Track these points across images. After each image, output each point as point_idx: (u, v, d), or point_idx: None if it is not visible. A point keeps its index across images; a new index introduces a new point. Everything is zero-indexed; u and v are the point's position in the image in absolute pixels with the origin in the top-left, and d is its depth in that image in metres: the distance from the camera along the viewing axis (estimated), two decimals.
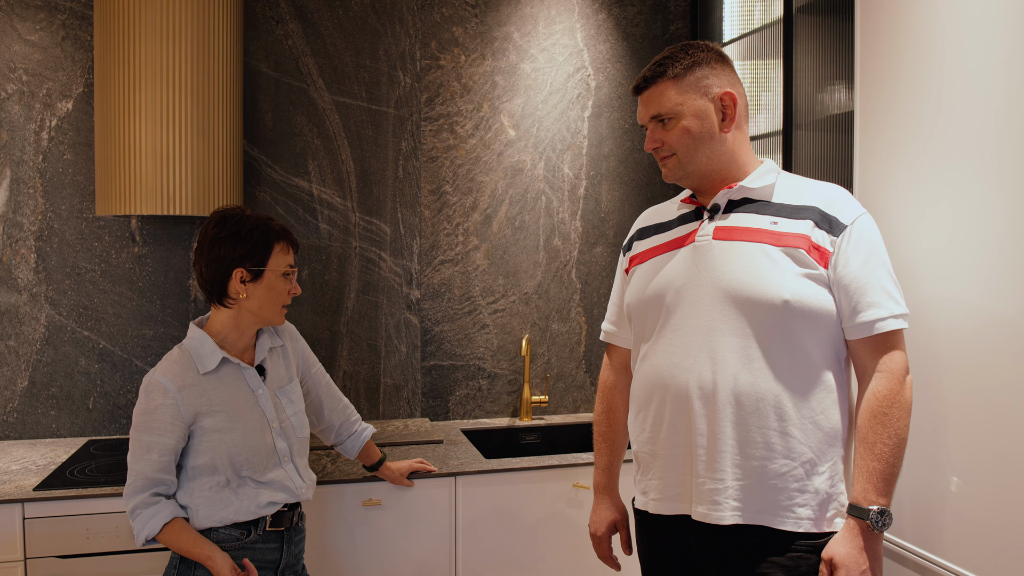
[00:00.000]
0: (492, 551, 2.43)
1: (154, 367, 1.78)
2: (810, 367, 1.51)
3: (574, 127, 3.07)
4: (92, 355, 2.69)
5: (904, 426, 1.47)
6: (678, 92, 1.57)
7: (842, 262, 1.50)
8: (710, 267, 1.56)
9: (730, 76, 1.61)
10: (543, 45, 3.03)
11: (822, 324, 1.50)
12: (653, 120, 1.60)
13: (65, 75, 2.64)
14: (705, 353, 1.54)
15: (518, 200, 3.04)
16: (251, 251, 1.77)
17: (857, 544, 1.44)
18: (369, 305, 2.92)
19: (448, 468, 2.39)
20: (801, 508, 1.50)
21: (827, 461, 1.52)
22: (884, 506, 1.44)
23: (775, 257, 1.51)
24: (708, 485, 1.53)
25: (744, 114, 1.62)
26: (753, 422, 1.50)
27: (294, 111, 2.83)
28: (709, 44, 1.63)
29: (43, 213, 2.64)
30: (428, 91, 2.94)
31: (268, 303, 1.80)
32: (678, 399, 1.57)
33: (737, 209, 1.59)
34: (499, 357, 3.05)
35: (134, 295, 2.71)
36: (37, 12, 2.60)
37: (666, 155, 1.61)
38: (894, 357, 1.49)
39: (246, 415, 1.80)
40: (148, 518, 1.71)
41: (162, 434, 1.72)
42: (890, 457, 1.45)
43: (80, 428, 2.69)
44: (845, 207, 1.54)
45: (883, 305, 1.48)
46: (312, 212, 2.85)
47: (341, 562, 2.31)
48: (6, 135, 2.60)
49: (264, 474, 1.81)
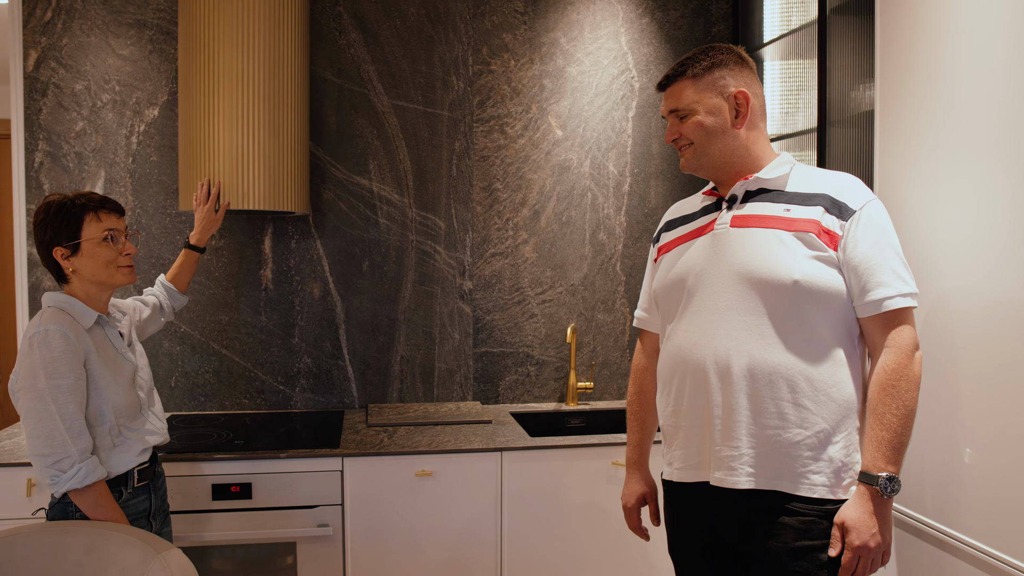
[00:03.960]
0: (535, 522, 2.60)
1: (37, 324, 1.84)
2: (821, 343, 1.60)
3: (619, 127, 3.23)
4: (174, 338, 2.96)
5: (912, 398, 1.55)
6: (695, 90, 1.70)
7: (851, 244, 1.58)
8: (727, 252, 1.67)
9: (747, 77, 1.72)
10: (589, 49, 3.19)
11: (832, 303, 1.59)
12: (672, 114, 1.74)
13: (152, 85, 2.92)
14: (722, 331, 1.64)
15: (565, 196, 3.21)
16: (59, 230, 1.90)
17: (867, 508, 1.53)
18: (425, 295, 3.13)
19: (495, 444, 2.57)
20: (816, 475, 1.59)
21: (841, 431, 1.60)
22: (893, 473, 1.52)
23: (787, 241, 1.61)
24: (724, 452, 1.64)
25: (760, 112, 1.74)
26: (766, 394, 1.60)
27: (356, 114, 3.05)
28: (731, 47, 1.74)
29: (132, 209, 2.92)
30: (480, 94, 3.13)
31: (98, 269, 1.93)
32: (697, 374, 1.68)
33: (754, 199, 1.70)
34: (547, 345, 3.22)
35: (211, 284, 2.98)
36: (128, 29, 2.89)
37: (683, 145, 1.74)
38: (902, 333, 1.57)
39: (118, 368, 1.96)
40: (93, 467, 1.81)
41: (79, 377, 1.83)
42: (898, 427, 1.53)
43: (163, 404, 2.96)
44: (854, 194, 1.63)
45: (891, 284, 1.56)
46: (372, 208, 3.07)
47: (395, 528, 2.52)
48: (101, 139, 2.89)
49: (135, 422, 1.99)
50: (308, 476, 2.46)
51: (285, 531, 2.44)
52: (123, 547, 1.74)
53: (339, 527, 2.48)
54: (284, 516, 2.45)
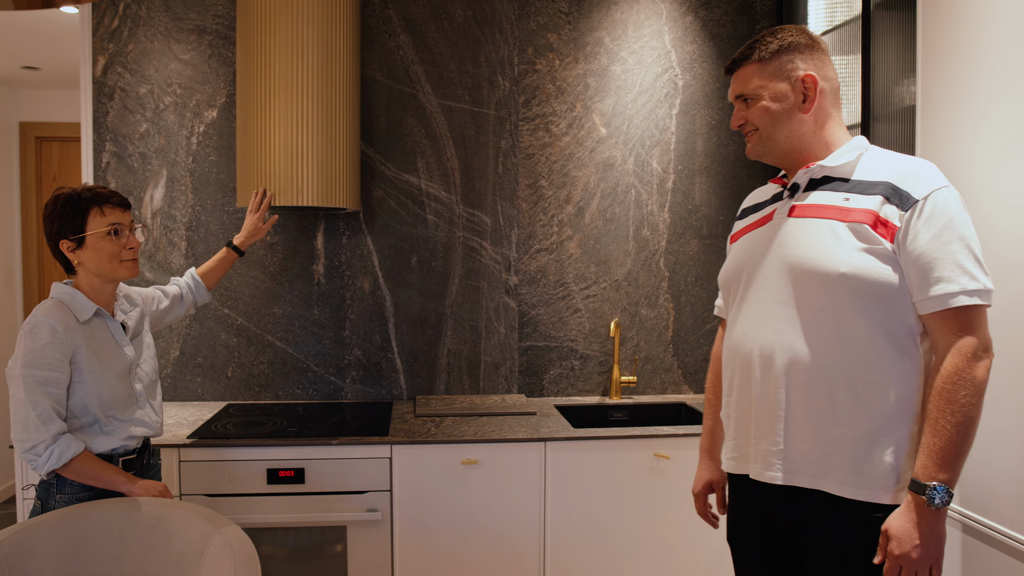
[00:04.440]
0: (578, 511, 2.65)
1: (33, 314, 1.92)
2: (870, 340, 1.52)
3: (662, 124, 3.27)
4: (231, 330, 3.09)
5: (971, 405, 1.43)
6: (761, 75, 1.65)
7: (910, 236, 1.48)
8: (781, 243, 1.63)
9: (817, 60, 1.64)
10: (632, 48, 3.24)
11: (884, 298, 1.50)
12: (738, 99, 1.69)
13: (211, 87, 3.05)
14: (769, 324, 1.62)
15: (609, 193, 3.26)
16: (66, 223, 1.97)
17: (912, 518, 1.45)
18: (471, 290, 3.21)
19: (539, 434, 2.63)
20: (861, 477, 1.52)
21: (890, 434, 1.52)
22: (943, 483, 1.43)
23: (839, 232, 1.53)
24: (762, 446, 1.63)
25: (831, 96, 1.66)
26: (805, 390, 1.56)
27: (405, 114, 3.15)
28: (802, 28, 1.67)
29: (192, 207, 3.06)
30: (525, 93, 3.20)
31: (102, 262, 1.99)
32: (744, 366, 1.67)
33: (818, 187, 1.63)
34: (591, 339, 3.27)
35: (266, 278, 3.10)
36: (189, 35, 3.02)
37: (749, 131, 1.69)
38: (966, 333, 1.45)
39: (112, 362, 2.00)
40: (65, 446, 1.87)
41: (54, 370, 1.88)
42: (952, 435, 1.43)
43: (220, 393, 3.09)
44: (919, 181, 1.51)
45: (953, 280, 1.44)
46: (420, 205, 3.16)
47: (441, 513, 2.60)
48: (163, 140, 3.03)
49: (126, 413, 2.04)
50: (358, 463, 2.55)
51: (336, 515, 2.53)
52: (186, 523, 1.85)
53: (387, 512, 2.57)
54: (335, 500, 2.55)
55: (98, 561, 1.80)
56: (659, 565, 2.71)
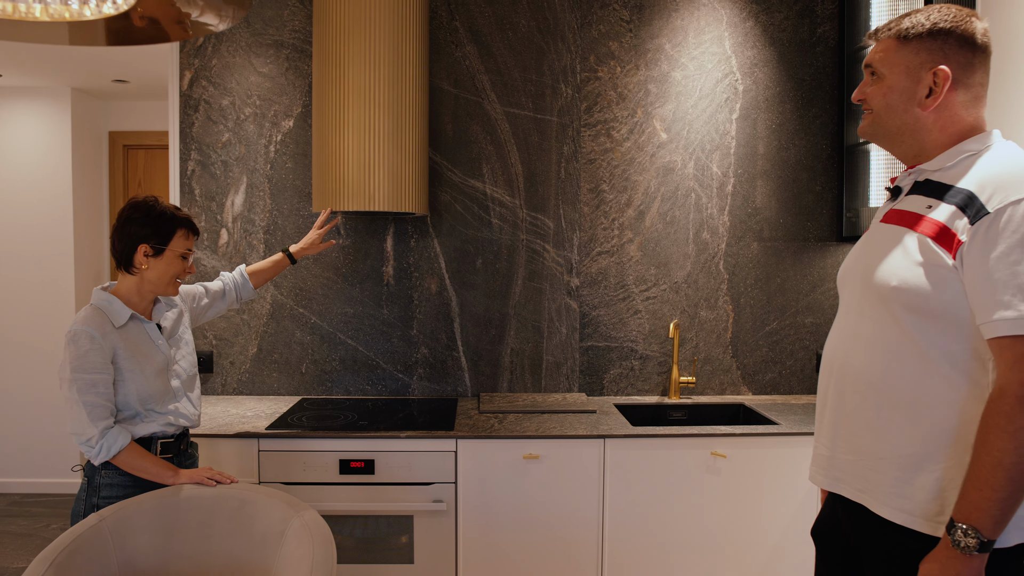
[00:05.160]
0: (636, 506, 2.73)
1: (73, 322, 2.05)
2: (922, 359, 1.44)
3: (722, 128, 3.32)
4: (305, 328, 3.25)
5: (1001, 449, 1.31)
6: (897, 53, 1.51)
7: (973, 252, 1.36)
8: (866, 251, 1.60)
9: (961, 57, 1.48)
10: (693, 54, 3.30)
11: (940, 317, 1.41)
12: (866, 68, 1.58)
13: (288, 99, 3.22)
14: (842, 333, 1.62)
15: (669, 197, 3.32)
16: (156, 231, 2.10)
17: (940, 559, 1.36)
18: (534, 291, 3.31)
19: (599, 432, 2.72)
20: (902, 500, 1.46)
21: (938, 461, 1.43)
22: (974, 525, 1.32)
23: (906, 243, 1.46)
24: (819, 450, 1.67)
25: (968, 100, 1.50)
26: (858, 402, 1.54)
27: (471, 121, 3.27)
28: (970, 15, 1.50)
29: (270, 211, 3.23)
30: (587, 100, 3.29)
31: (164, 276, 2.13)
32: (824, 374, 1.67)
33: (920, 191, 1.53)
34: (650, 340, 3.34)
35: (338, 279, 3.25)
36: (267, 49, 3.20)
37: (866, 110, 1.59)
38: (1017, 368, 1.32)
39: (149, 361, 2.12)
40: (113, 439, 2.02)
41: (99, 371, 2.02)
42: (988, 477, 1.31)
43: (295, 388, 3.26)
44: (1000, 190, 1.37)
45: (1015, 306, 1.32)
46: (485, 209, 3.28)
47: (503, 506, 2.70)
48: (244, 149, 3.21)
49: (164, 406, 2.16)
50: (425, 455, 2.68)
51: (403, 504, 2.66)
52: (268, 506, 2.00)
53: (452, 503, 2.69)
54: (403, 491, 2.67)
55: (188, 539, 1.96)
56: (715, 563, 2.76)
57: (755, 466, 2.74)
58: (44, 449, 4.82)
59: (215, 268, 3.23)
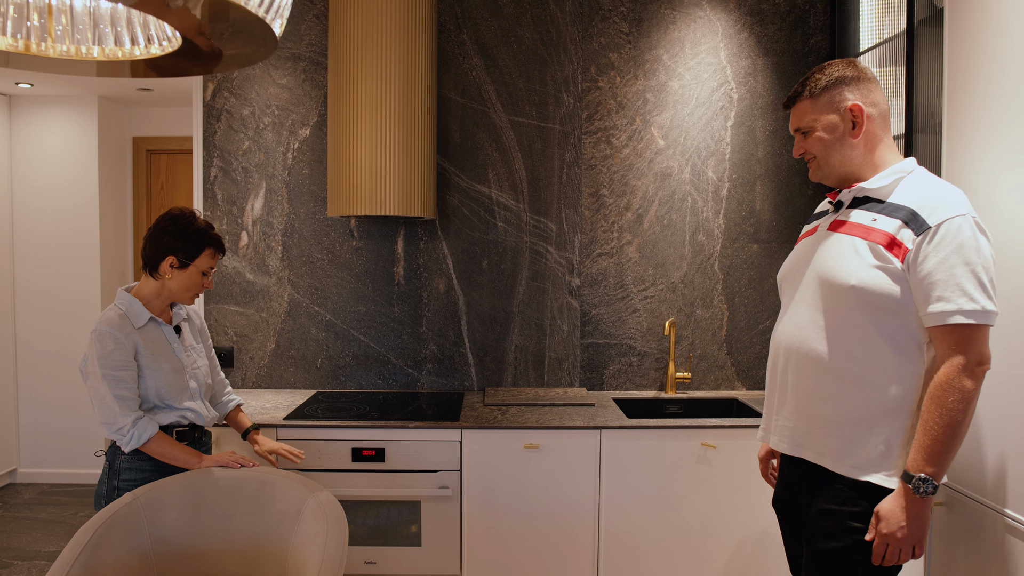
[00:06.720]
0: (630, 493, 2.89)
1: (98, 322, 2.19)
2: (871, 344, 1.74)
3: (718, 135, 3.47)
4: (320, 326, 3.44)
5: (958, 410, 1.63)
6: (813, 109, 1.87)
7: (919, 259, 1.67)
8: (818, 253, 1.87)
9: (863, 89, 1.84)
10: (689, 64, 3.45)
11: (888, 310, 1.71)
12: (797, 132, 1.93)
13: (304, 109, 3.40)
14: (795, 321, 1.89)
15: (666, 201, 3.48)
16: (186, 247, 2.24)
17: (900, 504, 1.68)
18: (537, 290, 3.48)
19: (595, 423, 2.88)
20: (855, 458, 1.77)
21: (884, 427, 1.74)
22: (928, 475, 1.65)
23: (859, 248, 1.75)
24: (779, 422, 1.96)
25: (879, 121, 1.85)
26: (815, 379, 1.83)
27: (477, 129, 3.44)
28: (849, 61, 1.87)
29: (287, 215, 3.42)
30: (588, 109, 3.45)
31: (184, 288, 2.28)
32: (774, 354, 1.98)
33: (860, 206, 1.84)
34: (648, 338, 3.50)
35: (352, 279, 3.44)
36: (285, 62, 3.39)
37: (809, 159, 1.92)
38: (960, 349, 1.64)
39: (167, 359, 2.26)
40: (143, 428, 2.16)
41: (125, 368, 2.16)
42: (940, 435, 1.64)
43: (310, 382, 3.45)
44: (936, 210, 1.69)
45: (952, 300, 1.64)
46: (491, 212, 3.45)
47: (504, 492, 2.87)
48: (263, 156, 3.40)
49: (181, 402, 2.30)
50: (432, 445, 2.85)
51: (412, 490, 2.84)
52: (287, 487, 2.18)
53: (457, 489, 2.86)
54: (411, 478, 2.85)
55: (213, 517, 2.14)
56: (705, 546, 2.92)
57: (743, 456, 2.90)
58: (71, 441, 5.04)
59: (235, 269, 3.42)
